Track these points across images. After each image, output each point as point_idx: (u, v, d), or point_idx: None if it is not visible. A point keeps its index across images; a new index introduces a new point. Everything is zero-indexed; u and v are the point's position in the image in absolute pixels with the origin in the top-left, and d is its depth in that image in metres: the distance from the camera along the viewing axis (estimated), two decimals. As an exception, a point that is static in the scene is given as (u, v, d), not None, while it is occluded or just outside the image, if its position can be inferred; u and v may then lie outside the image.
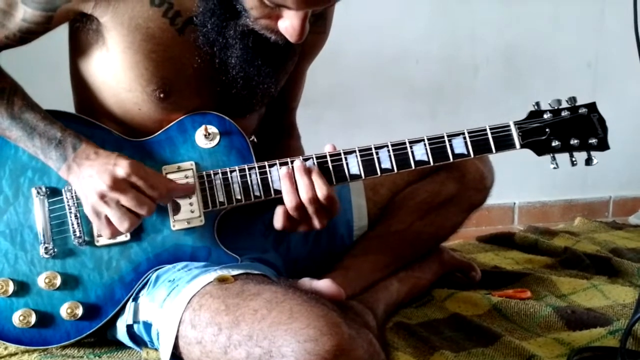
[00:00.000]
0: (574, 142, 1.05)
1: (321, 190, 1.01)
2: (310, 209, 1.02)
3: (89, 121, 1.08)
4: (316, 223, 1.04)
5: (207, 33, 0.99)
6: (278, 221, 1.05)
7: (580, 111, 1.06)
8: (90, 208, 0.97)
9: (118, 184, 0.95)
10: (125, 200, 0.95)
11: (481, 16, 2.30)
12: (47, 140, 0.99)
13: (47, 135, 0.99)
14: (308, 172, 1.02)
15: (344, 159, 1.06)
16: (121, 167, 0.95)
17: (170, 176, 1.04)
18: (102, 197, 0.95)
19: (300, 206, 1.02)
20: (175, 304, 0.92)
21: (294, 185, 1.02)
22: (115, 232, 0.98)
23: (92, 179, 0.96)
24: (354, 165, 1.06)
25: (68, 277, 1.03)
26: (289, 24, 0.92)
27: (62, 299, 1.03)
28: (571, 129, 1.06)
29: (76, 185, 0.99)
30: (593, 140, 1.05)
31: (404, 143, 1.06)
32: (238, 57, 1.00)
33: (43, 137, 0.99)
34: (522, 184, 2.35)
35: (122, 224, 0.96)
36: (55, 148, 0.99)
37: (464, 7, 2.28)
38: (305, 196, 1.01)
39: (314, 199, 1.01)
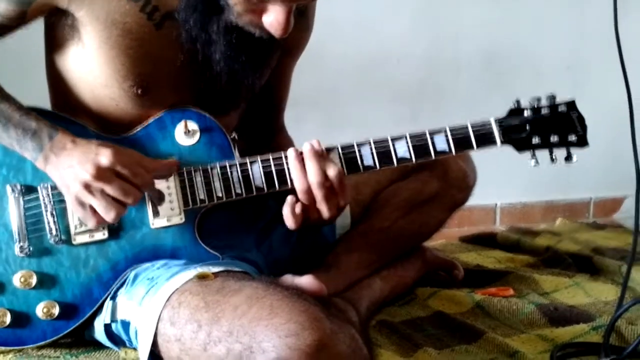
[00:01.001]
0: (553, 138, 1.06)
1: (332, 170, 1.00)
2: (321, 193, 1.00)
3: (64, 117, 1.05)
4: (326, 210, 1.02)
5: (189, 29, 0.98)
6: (290, 219, 1.02)
7: (559, 109, 1.06)
8: (74, 198, 0.95)
9: (102, 173, 0.92)
10: (110, 190, 0.93)
11: (463, 18, 2.31)
12: (23, 130, 0.97)
13: (22, 126, 0.97)
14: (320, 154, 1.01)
15: (326, 157, 1.05)
16: (104, 156, 0.93)
17: (149, 173, 1.03)
18: (87, 186, 0.93)
19: (309, 190, 1.00)
20: (154, 301, 0.90)
21: (303, 168, 1.00)
22: (101, 221, 0.96)
23: (73, 169, 0.94)
24: (336, 162, 1.05)
25: (44, 276, 1.01)
26: (273, 18, 0.91)
27: (38, 298, 1.00)
28: (551, 126, 1.06)
29: (55, 176, 0.97)
30: (572, 137, 1.06)
31: (386, 140, 1.05)
32: (222, 52, 0.99)
33: (18, 128, 0.97)
34: (503, 185, 2.35)
35: (108, 214, 0.94)
36: (31, 138, 0.97)
37: (446, 9, 2.29)
38: (315, 179, 0.99)
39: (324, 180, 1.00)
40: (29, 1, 0.97)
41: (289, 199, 1.02)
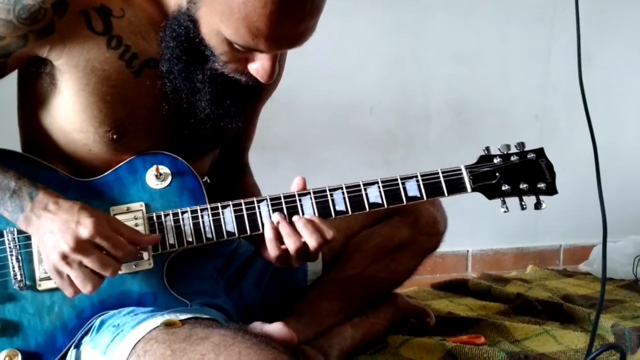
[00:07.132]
0: (523, 186, 1.07)
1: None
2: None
3: (34, 160, 1.04)
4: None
5: (173, 79, 0.98)
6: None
7: (528, 156, 1.09)
8: (52, 267, 0.92)
9: (81, 245, 0.90)
10: (88, 262, 0.90)
11: (433, 70, 2.37)
12: (0, 191, 0.95)
13: None
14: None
15: (298, 201, 1.05)
16: (84, 227, 0.90)
17: (118, 217, 1.01)
18: (64, 257, 0.90)
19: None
20: (118, 350, 0.88)
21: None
22: (78, 292, 0.93)
23: (54, 236, 0.91)
24: (308, 207, 1.05)
25: (7, 323, 0.98)
26: (259, 65, 0.92)
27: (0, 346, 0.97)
28: (520, 174, 1.08)
29: (36, 238, 0.95)
30: (541, 185, 1.07)
31: (358, 185, 1.06)
32: (207, 100, 0.99)
33: None
34: (475, 232, 2.38)
35: (85, 286, 0.91)
36: (10, 198, 0.94)
37: (416, 61, 2.35)
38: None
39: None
40: (9, 52, 0.95)
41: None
